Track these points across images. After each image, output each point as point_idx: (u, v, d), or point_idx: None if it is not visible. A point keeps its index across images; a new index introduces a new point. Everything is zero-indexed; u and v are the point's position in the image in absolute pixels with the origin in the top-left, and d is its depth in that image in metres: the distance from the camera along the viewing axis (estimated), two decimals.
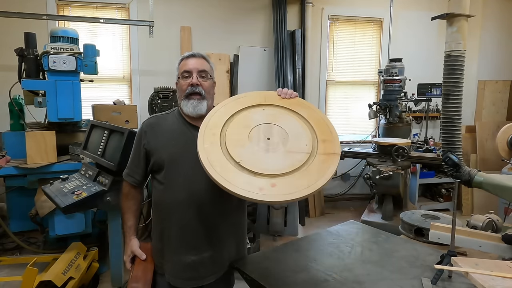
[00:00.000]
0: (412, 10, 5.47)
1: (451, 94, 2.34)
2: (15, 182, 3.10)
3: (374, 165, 3.90)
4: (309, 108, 1.48)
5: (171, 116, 1.71)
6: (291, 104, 1.48)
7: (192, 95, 1.61)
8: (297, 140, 1.33)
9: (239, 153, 1.27)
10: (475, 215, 2.48)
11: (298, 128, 1.37)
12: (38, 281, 2.35)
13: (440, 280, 1.44)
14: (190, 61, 1.66)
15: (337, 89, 5.56)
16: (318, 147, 1.31)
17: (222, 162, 1.25)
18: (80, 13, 4.55)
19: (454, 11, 2.26)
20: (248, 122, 1.39)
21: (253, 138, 1.33)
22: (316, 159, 1.28)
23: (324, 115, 1.50)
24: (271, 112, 1.44)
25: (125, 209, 1.74)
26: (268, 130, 1.36)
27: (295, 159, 1.26)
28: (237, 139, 1.32)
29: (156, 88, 3.84)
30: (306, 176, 1.23)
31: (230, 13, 4.97)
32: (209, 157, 1.26)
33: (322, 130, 1.38)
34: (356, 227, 2.13)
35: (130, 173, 1.71)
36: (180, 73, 1.66)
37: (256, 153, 1.28)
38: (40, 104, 3.15)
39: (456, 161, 2.24)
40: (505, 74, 5.80)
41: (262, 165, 1.24)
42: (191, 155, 1.51)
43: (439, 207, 5.03)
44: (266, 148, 1.31)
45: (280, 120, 1.40)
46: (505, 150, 4.18)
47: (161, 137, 1.63)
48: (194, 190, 1.56)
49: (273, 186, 1.20)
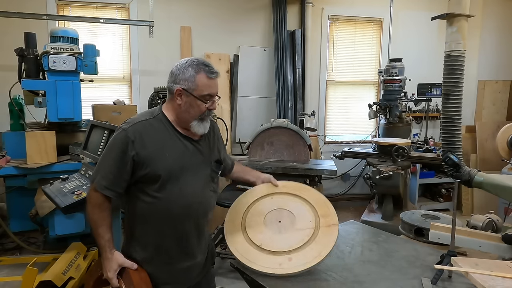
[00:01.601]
0: (412, 10, 5.47)
1: (451, 94, 2.34)
2: (15, 182, 3.10)
3: (374, 165, 3.90)
4: (308, 190, 1.82)
5: (157, 122, 1.54)
6: (294, 190, 1.81)
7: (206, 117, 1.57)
8: (303, 219, 1.66)
9: (259, 238, 1.61)
10: (475, 215, 2.48)
11: (301, 208, 1.72)
12: (38, 281, 2.35)
13: (440, 280, 1.44)
14: (215, 83, 1.54)
15: (337, 89, 5.56)
16: (320, 221, 1.64)
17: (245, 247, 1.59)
18: (80, 13, 4.55)
19: (454, 11, 2.26)
20: (261, 210, 1.73)
21: (267, 222, 1.67)
22: (320, 231, 1.60)
23: (321, 194, 1.79)
24: (278, 199, 1.78)
25: (99, 222, 1.50)
26: (278, 214, 1.70)
27: (304, 234, 1.59)
28: (255, 226, 1.67)
29: (156, 88, 3.85)
30: (315, 247, 1.54)
31: (230, 13, 4.97)
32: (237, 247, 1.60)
33: (320, 206, 1.71)
34: (356, 227, 2.13)
35: (109, 186, 1.47)
36: (200, 94, 1.50)
37: (272, 236, 1.61)
38: (40, 104, 3.15)
39: (456, 161, 2.24)
40: (505, 74, 5.80)
41: (278, 244, 1.57)
42: (187, 169, 1.54)
43: (439, 207, 5.03)
44: (279, 230, 1.64)
45: (286, 204, 1.74)
46: (505, 150, 4.19)
47: (152, 148, 1.48)
48: (191, 203, 1.55)
49: (290, 260, 1.52)
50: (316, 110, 4.95)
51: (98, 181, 1.50)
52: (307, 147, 3.60)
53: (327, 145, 5.40)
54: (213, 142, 1.71)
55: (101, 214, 1.51)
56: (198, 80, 1.49)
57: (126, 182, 1.50)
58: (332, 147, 5.29)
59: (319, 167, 3.37)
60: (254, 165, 3.29)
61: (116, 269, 1.49)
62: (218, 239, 3.47)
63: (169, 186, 1.50)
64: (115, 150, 1.48)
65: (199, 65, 1.51)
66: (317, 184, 3.44)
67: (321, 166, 3.41)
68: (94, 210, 1.51)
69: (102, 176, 1.49)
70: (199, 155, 1.60)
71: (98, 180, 1.50)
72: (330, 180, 5.21)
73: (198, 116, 1.53)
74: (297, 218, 1.66)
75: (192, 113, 1.53)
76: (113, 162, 1.48)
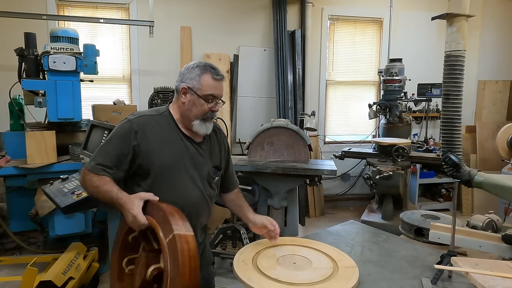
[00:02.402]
0: (412, 10, 5.47)
1: (451, 94, 2.34)
2: (15, 182, 3.10)
3: (374, 165, 3.90)
4: (316, 243, 1.72)
5: (162, 119, 1.58)
6: (301, 242, 1.73)
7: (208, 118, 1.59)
8: (319, 261, 1.54)
9: (275, 273, 1.42)
10: (475, 215, 2.48)
11: (315, 254, 1.61)
12: (38, 281, 2.36)
13: (440, 280, 1.44)
14: (219, 85, 1.57)
15: (337, 89, 5.56)
16: (338, 264, 1.52)
17: (260, 278, 1.39)
18: (80, 13, 4.55)
19: (454, 11, 2.26)
20: (272, 254, 1.59)
21: (281, 263, 1.52)
22: (341, 270, 1.47)
23: (331, 247, 1.68)
24: (288, 248, 1.67)
25: (101, 183, 1.44)
26: (291, 258, 1.57)
27: (324, 272, 1.45)
28: (267, 266, 1.48)
29: (156, 88, 3.85)
30: (339, 280, 1.40)
31: (230, 13, 4.97)
32: (250, 277, 1.39)
33: (334, 255, 1.59)
34: (356, 227, 2.13)
35: (106, 168, 1.46)
36: (204, 93, 1.53)
37: (288, 273, 1.44)
38: (40, 104, 3.15)
39: (456, 161, 2.24)
40: (505, 74, 5.80)
41: (297, 278, 1.40)
42: (183, 169, 1.55)
43: (439, 207, 5.03)
44: (295, 268, 1.50)
45: (298, 251, 1.64)
46: (505, 150, 4.19)
47: (152, 142, 1.51)
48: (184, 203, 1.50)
49: None
50: (316, 110, 4.95)
51: (93, 163, 1.47)
52: (307, 147, 3.60)
53: (327, 145, 5.40)
54: (216, 148, 1.71)
55: (100, 178, 1.45)
56: (203, 80, 1.53)
57: (125, 171, 1.50)
58: (332, 147, 5.29)
59: (319, 167, 3.37)
60: (254, 165, 3.29)
61: (139, 204, 1.37)
62: (218, 239, 3.48)
63: (163, 182, 1.52)
64: (120, 138, 1.50)
65: (206, 67, 1.56)
66: (317, 184, 3.44)
67: (321, 166, 3.41)
68: (93, 178, 1.46)
69: (100, 160, 1.48)
70: (199, 157, 1.60)
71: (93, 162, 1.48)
72: (330, 180, 5.21)
73: (201, 115, 1.55)
74: (313, 261, 1.54)
75: (194, 111, 1.55)
76: (117, 148, 1.49)
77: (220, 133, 1.77)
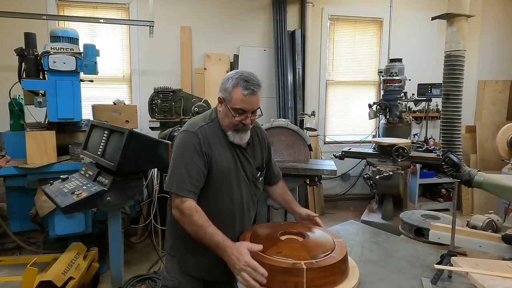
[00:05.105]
0: (412, 10, 5.47)
1: (451, 94, 2.34)
2: (15, 182, 3.10)
3: (374, 165, 3.90)
4: None
5: (214, 127, 1.62)
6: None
7: (240, 130, 1.61)
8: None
9: None
10: (475, 215, 2.48)
11: None
12: (38, 281, 2.36)
13: (440, 280, 1.44)
14: (249, 100, 1.53)
15: (337, 89, 5.56)
16: None
17: None
18: (80, 13, 4.55)
19: (454, 11, 2.26)
20: None
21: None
22: None
23: None
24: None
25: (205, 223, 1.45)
26: None
27: None
28: None
29: (156, 88, 3.85)
30: None
31: (230, 13, 4.97)
32: None
33: None
34: (356, 227, 2.13)
35: (193, 189, 1.50)
36: (233, 106, 1.54)
37: None
38: (40, 104, 3.15)
39: (456, 161, 2.25)
40: (505, 74, 5.80)
41: None
42: (236, 172, 1.64)
43: (439, 207, 5.04)
44: None
45: None
46: (505, 150, 4.18)
47: (214, 151, 1.58)
48: (234, 205, 1.64)
49: None
50: (316, 110, 4.96)
51: (177, 185, 1.51)
52: (307, 147, 3.60)
53: (327, 145, 5.41)
54: (258, 150, 1.77)
55: (201, 216, 1.47)
56: (233, 93, 1.54)
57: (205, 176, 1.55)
58: (332, 147, 5.29)
59: (319, 167, 3.37)
60: None
61: (247, 252, 1.35)
62: None
63: (220, 190, 1.60)
64: (192, 151, 1.54)
65: (239, 79, 1.54)
66: (317, 184, 3.44)
67: (321, 166, 3.41)
68: (194, 217, 1.47)
69: (182, 181, 1.50)
70: (245, 162, 1.68)
71: (176, 185, 1.51)
72: (330, 180, 5.21)
73: (232, 127, 1.59)
74: None
75: (226, 121, 1.60)
76: (192, 162, 1.52)
77: (261, 132, 1.82)
